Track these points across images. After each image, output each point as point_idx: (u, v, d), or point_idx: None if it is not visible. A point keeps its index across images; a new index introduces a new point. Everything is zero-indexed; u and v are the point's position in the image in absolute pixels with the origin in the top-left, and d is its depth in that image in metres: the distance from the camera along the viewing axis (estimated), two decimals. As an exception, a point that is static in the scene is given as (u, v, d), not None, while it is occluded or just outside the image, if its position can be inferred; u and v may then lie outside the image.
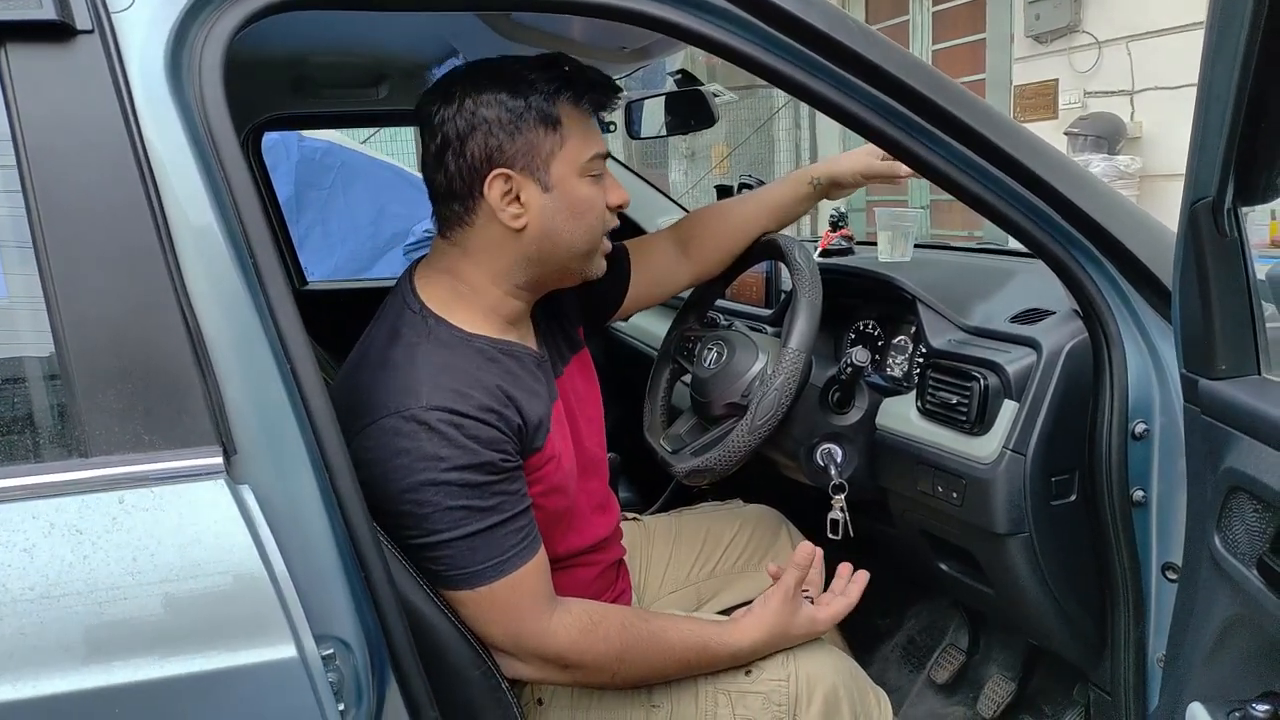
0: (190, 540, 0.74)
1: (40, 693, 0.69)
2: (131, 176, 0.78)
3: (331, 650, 0.79)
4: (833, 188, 1.45)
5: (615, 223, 1.16)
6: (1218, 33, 0.76)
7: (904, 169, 1.33)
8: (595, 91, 1.09)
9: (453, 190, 1.07)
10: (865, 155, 1.42)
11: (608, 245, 1.17)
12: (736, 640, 1.13)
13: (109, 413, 0.75)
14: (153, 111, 0.79)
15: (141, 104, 0.79)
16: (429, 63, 1.73)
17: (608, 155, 1.13)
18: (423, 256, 1.17)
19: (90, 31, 0.78)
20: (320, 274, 4.13)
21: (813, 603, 1.20)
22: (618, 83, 1.17)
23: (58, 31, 0.77)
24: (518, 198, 1.06)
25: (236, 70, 0.85)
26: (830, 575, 1.59)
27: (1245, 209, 0.82)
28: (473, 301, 1.10)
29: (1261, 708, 0.83)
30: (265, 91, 1.90)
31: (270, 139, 3.80)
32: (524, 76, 1.05)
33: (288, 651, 0.74)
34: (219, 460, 0.76)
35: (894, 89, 1.03)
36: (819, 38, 1.00)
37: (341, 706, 0.78)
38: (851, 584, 1.22)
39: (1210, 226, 0.83)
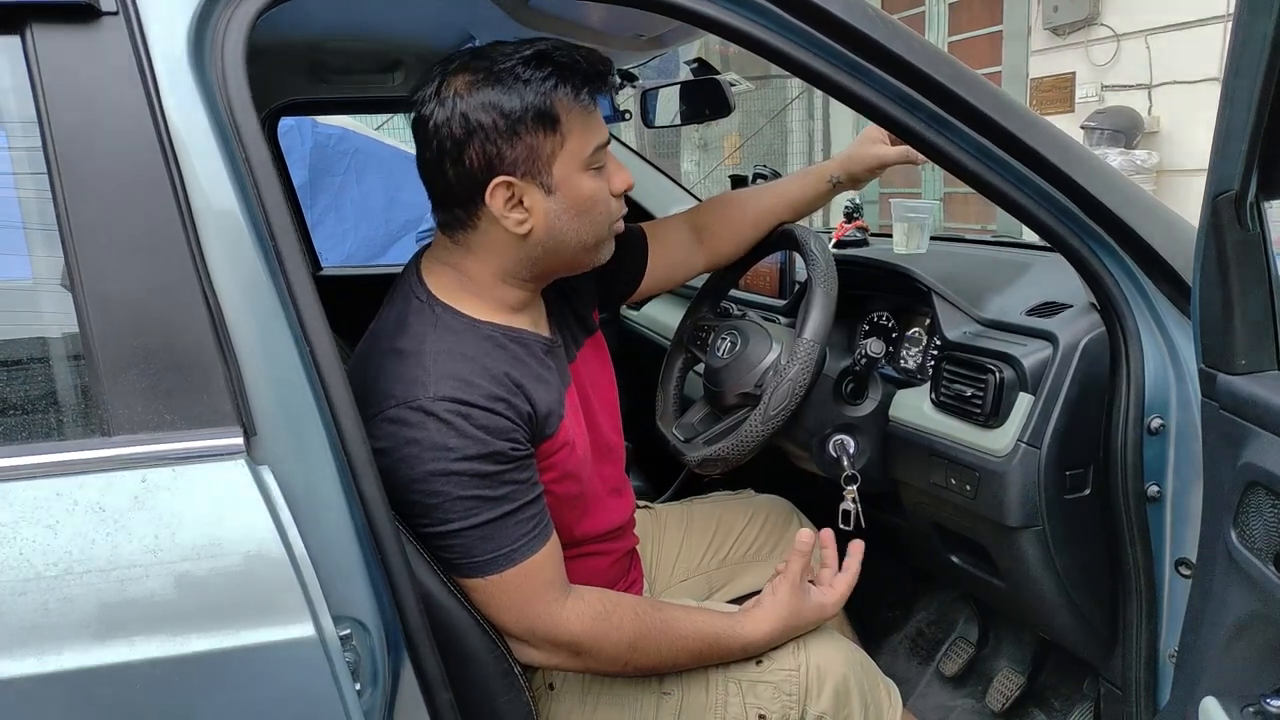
0: (211, 519, 0.74)
1: (64, 667, 0.70)
2: (155, 158, 0.78)
3: (349, 631, 0.79)
4: (852, 183, 1.45)
5: (623, 209, 1.13)
6: (1245, 24, 0.75)
7: (919, 154, 1.32)
8: (592, 80, 1.03)
9: (453, 196, 1.05)
10: (874, 143, 1.41)
11: (619, 226, 1.15)
12: (748, 632, 1.13)
13: (131, 393, 0.75)
14: (176, 93, 0.80)
15: (165, 86, 0.80)
16: (445, 50, 1.73)
17: (606, 144, 1.08)
18: (430, 244, 1.17)
19: (115, 13, 0.78)
20: (334, 260, 4.15)
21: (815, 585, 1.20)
22: (615, 64, 1.15)
23: (83, 13, 0.77)
24: (521, 202, 1.04)
25: (253, 55, 0.86)
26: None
27: (1268, 203, 0.82)
28: (479, 292, 1.10)
29: (1276, 702, 0.83)
30: (281, 77, 1.90)
31: (285, 124, 3.82)
32: (517, 74, 1.00)
33: (306, 631, 0.75)
34: (239, 441, 0.76)
35: (913, 78, 1.02)
36: (837, 25, 0.99)
37: (358, 686, 0.79)
38: (849, 558, 1.22)
39: (1232, 220, 0.82)
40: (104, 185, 0.77)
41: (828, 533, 1.23)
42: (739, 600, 1.42)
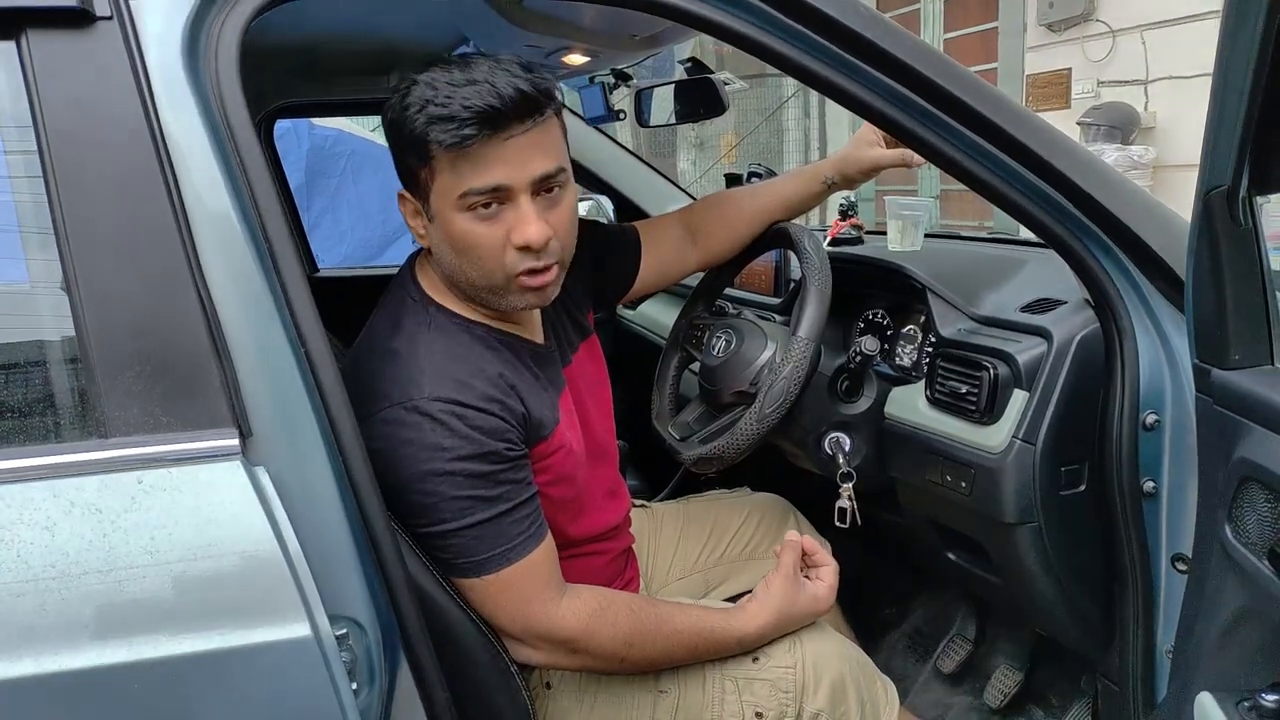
0: (207, 520, 0.75)
1: (61, 668, 0.70)
2: (149, 161, 0.79)
3: (345, 630, 0.79)
4: (846, 184, 1.45)
5: (527, 264, 1.02)
6: (1234, 19, 0.76)
7: (915, 157, 1.32)
8: (467, 127, 0.95)
9: None
10: (869, 144, 1.40)
11: (542, 281, 1.04)
12: (742, 626, 1.14)
13: (127, 394, 0.76)
14: (170, 97, 0.80)
15: (159, 90, 0.80)
16: (440, 51, 1.73)
17: (498, 189, 0.99)
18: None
19: (109, 18, 0.78)
20: (331, 262, 4.15)
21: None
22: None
23: (78, 17, 0.77)
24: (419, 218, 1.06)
25: (248, 58, 0.86)
26: (838, 562, 1.59)
27: (1260, 198, 0.82)
28: (461, 294, 1.10)
29: (1271, 697, 0.83)
30: (277, 79, 1.90)
31: (281, 126, 3.81)
32: (406, 100, 0.98)
33: (302, 631, 0.75)
34: (235, 442, 0.77)
35: (905, 76, 1.02)
36: (829, 23, 1.00)
37: (354, 686, 0.79)
38: (822, 551, 1.24)
39: (1225, 215, 0.82)
40: (99, 189, 0.77)
41: (809, 541, 1.23)
42: (735, 598, 1.43)
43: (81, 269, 0.76)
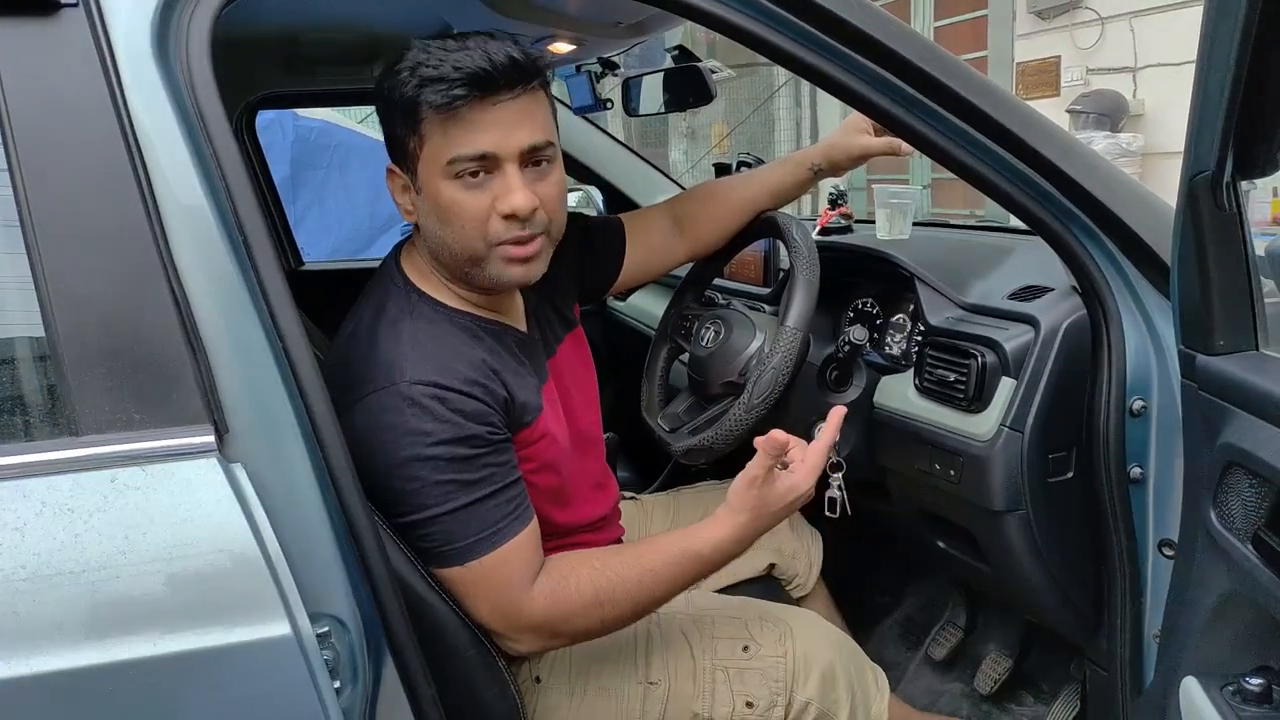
0: (182, 519, 0.73)
1: (33, 671, 0.69)
2: (119, 153, 0.77)
3: (326, 628, 0.78)
4: (834, 171, 1.44)
5: (509, 233, 1.02)
6: (1218, 3, 0.75)
7: (905, 145, 1.31)
8: (458, 88, 0.96)
9: None
10: (858, 132, 1.39)
11: (527, 251, 1.04)
12: (712, 533, 1.06)
13: (99, 391, 0.74)
14: (139, 86, 0.78)
15: (128, 78, 0.78)
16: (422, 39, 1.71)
17: (485, 157, 0.99)
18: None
19: (74, 4, 0.77)
20: (319, 255, 4.11)
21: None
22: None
23: (41, 4, 0.76)
24: (407, 192, 1.06)
25: (228, 48, 0.84)
26: (829, 555, 1.59)
27: (1245, 183, 0.81)
28: (445, 279, 1.10)
29: (1256, 681, 0.83)
30: (258, 69, 1.88)
31: (265, 118, 3.78)
32: (398, 66, 1.00)
33: (281, 630, 0.74)
34: (211, 439, 0.75)
35: (891, 62, 1.02)
36: (816, 9, 0.99)
37: (337, 684, 0.78)
38: (826, 425, 1.09)
39: (1209, 200, 0.82)
40: (67, 181, 0.76)
41: (780, 434, 1.03)
42: (728, 590, 1.43)
43: (50, 263, 0.74)
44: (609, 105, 2.05)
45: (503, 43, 0.99)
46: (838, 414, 1.10)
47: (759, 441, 1.04)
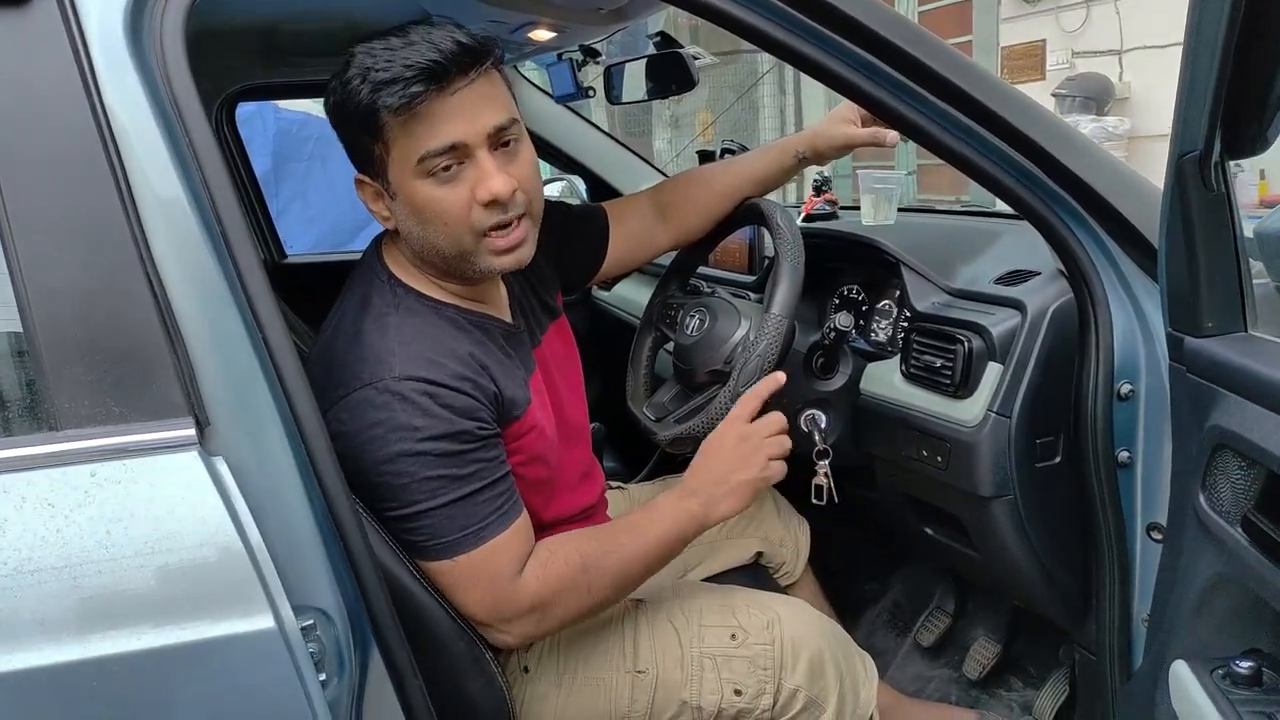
0: (164, 513, 0.72)
1: (15, 666, 0.68)
2: (94, 145, 0.76)
3: (311, 621, 0.78)
4: (818, 159, 1.43)
5: (493, 219, 1.01)
6: (1205, -18, 0.74)
7: (890, 136, 1.30)
8: (413, 86, 0.94)
9: None
10: (844, 121, 1.38)
11: (512, 240, 1.04)
12: (684, 487, 1.12)
13: (78, 385, 0.73)
14: (113, 76, 0.77)
15: (102, 69, 0.77)
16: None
17: (454, 147, 0.98)
18: None
19: None
20: (301, 248, 4.08)
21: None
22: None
23: None
24: (382, 199, 1.04)
25: (206, 39, 0.83)
26: (816, 542, 1.59)
27: (1233, 163, 0.81)
28: (430, 274, 1.08)
29: (1245, 664, 0.83)
30: (237, 61, 1.85)
31: (247, 111, 3.74)
32: (346, 75, 0.98)
33: (265, 623, 0.73)
34: (191, 432, 0.74)
35: (876, 47, 1.01)
36: None
37: (323, 676, 0.78)
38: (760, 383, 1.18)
39: (1197, 181, 0.82)
40: (41, 173, 0.75)
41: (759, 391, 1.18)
42: (715, 578, 1.42)
43: (25, 256, 0.73)
44: (591, 93, 2.04)
45: (446, 30, 0.98)
46: (774, 378, 1.18)
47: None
